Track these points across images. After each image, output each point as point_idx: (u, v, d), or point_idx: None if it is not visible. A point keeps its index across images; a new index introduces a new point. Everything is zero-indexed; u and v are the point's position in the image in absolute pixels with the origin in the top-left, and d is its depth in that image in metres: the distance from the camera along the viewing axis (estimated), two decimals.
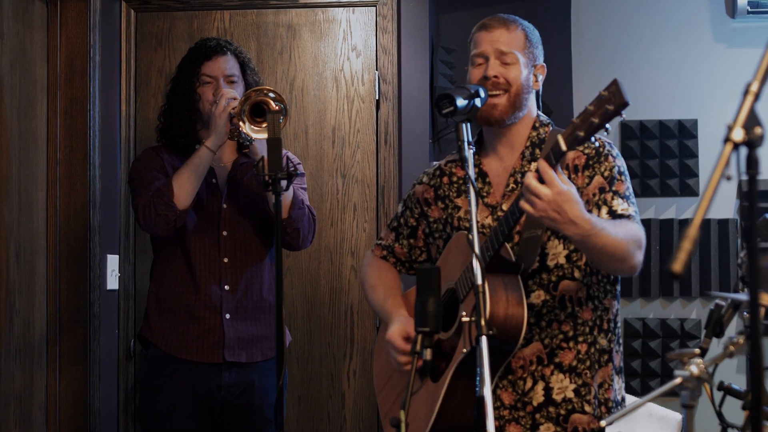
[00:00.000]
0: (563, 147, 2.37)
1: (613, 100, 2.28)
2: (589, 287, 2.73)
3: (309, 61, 4.43)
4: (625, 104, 2.27)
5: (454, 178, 2.93)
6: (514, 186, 2.77)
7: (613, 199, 2.67)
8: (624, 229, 2.56)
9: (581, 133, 2.34)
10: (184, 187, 3.44)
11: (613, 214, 2.65)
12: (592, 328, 2.74)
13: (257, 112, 3.44)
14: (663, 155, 4.81)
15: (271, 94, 3.42)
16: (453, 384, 2.60)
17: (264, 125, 3.42)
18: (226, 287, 3.56)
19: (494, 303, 2.50)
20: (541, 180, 2.39)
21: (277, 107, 3.35)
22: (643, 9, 4.89)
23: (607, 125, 2.31)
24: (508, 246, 2.62)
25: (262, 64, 4.41)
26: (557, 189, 2.37)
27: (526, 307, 2.54)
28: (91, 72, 4.06)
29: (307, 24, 4.44)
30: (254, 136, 3.43)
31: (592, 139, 2.38)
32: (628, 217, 2.65)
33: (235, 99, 3.47)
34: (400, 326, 2.81)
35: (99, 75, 4.13)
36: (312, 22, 4.44)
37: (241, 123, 3.42)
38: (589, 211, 2.59)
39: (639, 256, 2.59)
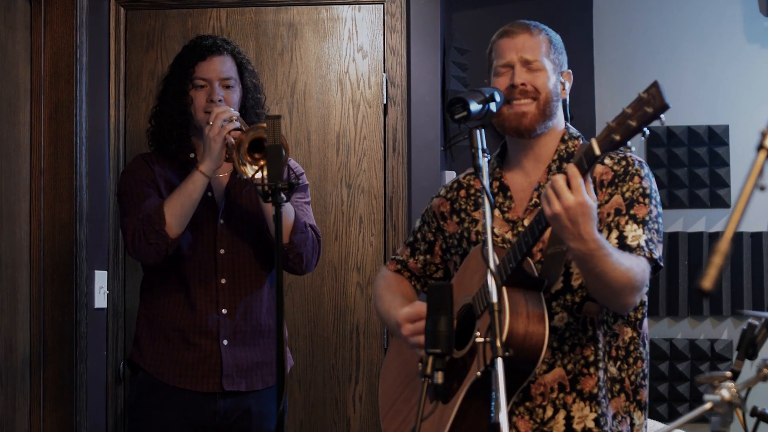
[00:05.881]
0: (597, 151, 2.37)
1: (652, 102, 2.28)
2: (600, 310, 2.73)
3: (312, 62, 4.44)
4: (665, 107, 2.28)
5: (472, 191, 2.94)
6: (538, 201, 2.76)
7: (626, 224, 2.66)
8: (630, 263, 2.56)
9: (617, 137, 2.34)
10: (176, 215, 3.42)
11: (622, 242, 2.64)
12: (604, 354, 2.74)
13: (255, 147, 3.37)
14: (692, 164, 4.81)
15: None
16: (464, 406, 2.59)
17: (262, 163, 3.36)
18: (224, 311, 3.54)
19: (514, 319, 2.50)
20: (568, 185, 2.40)
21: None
22: (669, 7, 4.90)
23: (645, 129, 2.32)
24: (531, 261, 2.63)
25: (262, 65, 4.42)
26: (581, 199, 2.38)
27: (548, 327, 2.54)
28: (78, 74, 4.07)
29: (309, 23, 4.45)
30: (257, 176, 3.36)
31: (625, 152, 2.38)
32: (637, 248, 2.63)
33: (230, 121, 3.41)
34: (404, 311, 2.77)
35: (86, 78, 4.14)
36: (315, 21, 4.45)
37: (241, 166, 3.36)
38: (599, 230, 2.59)
39: (633, 298, 2.60)
